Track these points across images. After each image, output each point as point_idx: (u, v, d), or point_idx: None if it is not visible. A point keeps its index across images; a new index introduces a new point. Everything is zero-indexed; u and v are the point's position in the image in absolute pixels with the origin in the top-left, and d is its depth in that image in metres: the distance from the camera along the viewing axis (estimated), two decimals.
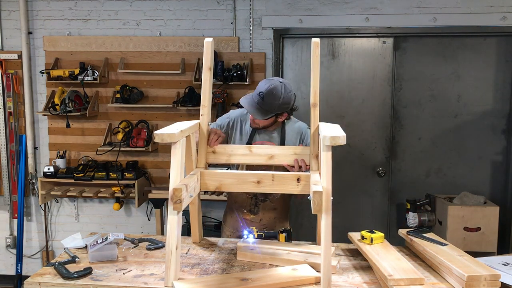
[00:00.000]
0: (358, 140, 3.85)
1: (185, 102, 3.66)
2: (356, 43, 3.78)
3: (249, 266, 1.87)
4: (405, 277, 1.59)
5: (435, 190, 3.76)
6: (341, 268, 1.86)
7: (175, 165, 1.66)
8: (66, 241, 2.09)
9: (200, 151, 2.07)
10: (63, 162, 3.85)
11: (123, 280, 1.71)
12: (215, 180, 1.93)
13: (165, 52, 3.80)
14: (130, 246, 2.09)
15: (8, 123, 3.94)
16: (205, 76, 2.04)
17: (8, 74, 3.89)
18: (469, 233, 3.34)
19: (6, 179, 3.99)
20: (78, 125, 3.91)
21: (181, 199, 1.56)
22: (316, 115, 1.97)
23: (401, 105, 3.80)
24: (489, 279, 1.60)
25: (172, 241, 1.59)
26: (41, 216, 4.11)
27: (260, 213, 2.38)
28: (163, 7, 3.80)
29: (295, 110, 2.29)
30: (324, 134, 1.57)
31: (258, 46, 3.76)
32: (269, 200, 2.37)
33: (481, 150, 3.78)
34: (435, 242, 1.95)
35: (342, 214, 3.89)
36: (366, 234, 1.96)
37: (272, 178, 1.89)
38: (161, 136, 1.58)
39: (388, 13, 3.63)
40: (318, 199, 1.51)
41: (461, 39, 3.69)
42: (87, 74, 3.71)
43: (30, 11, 3.88)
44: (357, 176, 3.89)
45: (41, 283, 1.70)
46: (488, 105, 3.74)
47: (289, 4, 3.69)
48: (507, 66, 3.68)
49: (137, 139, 3.68)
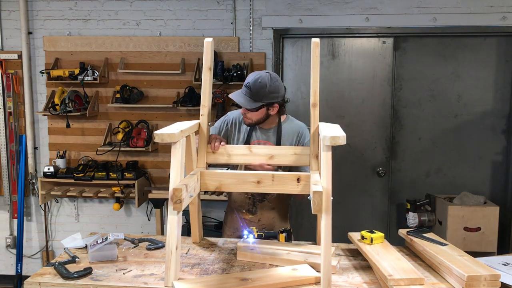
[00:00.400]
0: (358, 140, 3.85)
1: (185, 102, 3.66)
2: (356, 43, 3.78)
3: (249, 266, 1.87)
4: (405, 277, 1.59)
5: (435, 190, 3.76)
6: (341, 268, 1.86)
7: (175, 165, 1.66)
8: (66, 241, 2.09)
9: (200, 151, 2.07)
10: (63, 162, 3.85)
11: (123, 280, 1.71)
12: (215, 180, 1.93)
13: (165, 52, 3.80)
14: (130, 246, 2.09)
15: (8, 123, 3.94)
16: (205, 76, 2.04)
17: (8, 74, 3.89)
18: (469, 233, 3.33)
19: (6, 179, 3.99)
20: (78, 125, 3.91)
21: (181, 199, 1.56)
22: (316, 115, 1.97)
23: (401, 105, 3.80)
24: (489, 279, 1.59)
25: (172, 241, 1.59)
26: (41, 216, 4.11)
27: (258, 213, 2.37)
28: (163, 7, 3.80)
29: (286, 102, 2.30)
30: (324, 134, 1.57)
31: (258, 46, 3.76)
32: (266, 200, 2.36)
33: (481, 150, 3.78)
34: (435, 242, 1.95)
35: (342, 214, 3.90)
36: (366, 234, 1.95)
37: (272, 178, 1.89)
38: (161, 136, 1.58)
39: (388, 13, 3.63)
40: (318, 199, 1.51)
41: (461, 39, 3.69)
42: (87, 74, 3.71)
43: (30, 11, 3.88)
44: (357, 176, 3.89)
45: (41, 283, 1.70)
46: (488, 105, 3.74)
47: (289, 4, 3.69)
48: (507, 66, 3.68)
49: (137, 139, 3.68)
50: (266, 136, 2.33)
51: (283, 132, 2.32)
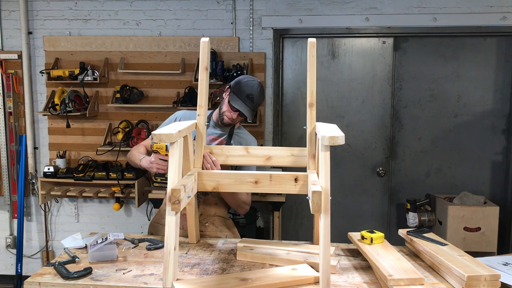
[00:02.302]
0: (358, 140, 3.85)
1: (185, 102, 3.66)
2: (356, 43, 3.78)
3: (249, 266, 1.87)
4: (405, 277, 1.59)
5: (435, 190, 3.75)
6: (341, 268, 1.85)
7: (173, 165, 1.66)
8: (66, 241, 2.09)
9: (197, 152, 2.06)
10: (63, 162, 3.85)
11: (123, 280, 1.71)
12: (212, 180, 1.92)
13: (165, 52, 3.80)
14: (130, 246, 2.09)
15: (8, 123, 3.95)
16: (202, 76, 2.04)
17: (8, 74, 3.89)
18: (469, 233, 3.33)
19: (6, 179, 3.99)
20: (78, 125, 3.91)
21: (179, 200, 1.56)
22: (313, 115, 1.98)
23: (401, 105, 3.80)
24: (489, 279, 1.59)
25: (170, 242, 1.59)
26: (41, 216, 4.11)
27: (201, 206, 2.33)
28: (163, 7, 3.80)
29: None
30: (323, 134, 1.57)
31: (258, 46, 3.76)
32: (210, 194, 2.34)
33: (481, 150, 3.77)
34: (435, 242, 1.94)
35: (342, 214, 3.90)
36: (366, 234, 1.95)
37: (269, 178, 1.89)
38: (159, 136, 1.58)
39: (388, 13, 3.63)
40: (317, 199, 1.50)
41: (461, 39, 3.69)
42: (87, 74, 3.71)
43: (30, 11, 3.88)
44: (357, 176, 3.89)
45: (41, 283, 1.70)
46: (488, 105, 3.73)
47: (289, 4, 3.69)
48: (507, 66, 3.68)
49: (137, 139, 3.68)
50: (221, 133, 2.37)
51: (233, 137, 2.36)
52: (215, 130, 2.37)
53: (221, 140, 2.34)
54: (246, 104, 2.23)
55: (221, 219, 2.40)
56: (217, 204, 2.38)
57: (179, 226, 1.67)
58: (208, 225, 2.34)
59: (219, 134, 2.36)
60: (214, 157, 2.09)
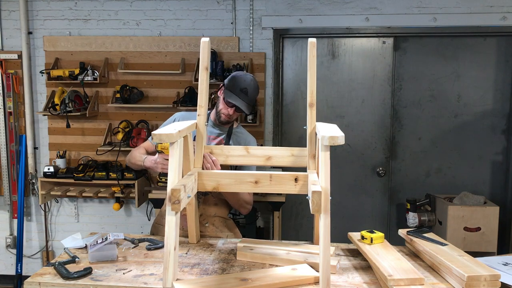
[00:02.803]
0: (358, 140, 3.85)
1: (185, 102, 3.66)
2: (356, 43, 3.78)
3: (249, 266, 1.87)
4: (405, 277, 1.59)
5: (435, 190, 3.75)
6: (341, 268, 1.85)
7: (173, 165, 1.66)
8: (66, 241, 2.09)
9: (197, 152, 2.06)
10: (63, 162, 3.85)
11: (123, 280, 1.71)
12: (212, 180, 1.92)
13: (165, 52, 3.80)
14: (130, 246, 2.09)
15: (8, 123, 3.95)
16: (202, 76, 2.04)
17: (8, 74, 3.89)
18: (469, 233, 3.33)
19: (6, 179, 3.99)
20: (78, 125, 3.91)
21: (179, 200, 1.56)
22: (313, 115, 1.98)
23: (401, 105, 3.80)
24: (489, 279, 1.59)
25: (170, 242, 1.59)
26: (41, 216, 4.11)
27: (201, 207, 2.33)
28: (163, 7, 3.80)
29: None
30: (323, 134, 1.57)
31: (258, 46, 3.76)
32: (210, 194, 2.34)
33: (481, 150, 3.77)
34: (435, 242, 1.94)
35: (342, 214, 3.90)
36: (366, 234, 1.95)
37: (270, 178, 1.89)
38: (159, 136, 1.58)
39: (388, 13, 3.63)
40: (317, 199, 1.50)
41: (461, 39, 3.69)
42: (87, 74, 3.71)
43: (30, 11, 3.88)
44: (357, 176, 3.89)
45: (41, 283, 1.70)
46: (488, 105, 3.73)
47: (289, 4, 3.69)
48: (507, 66, 3.68)
49: (137, 139, 3.68)
50: (219, 132, 2.37)
51: (231, 137, 2.36)
52: (214, 129, 2.37)
53: (220, 140, 2.34)
54: (240, 98, 2.23)
55: (222, 220, 2.39)
56: (217, 204, 2.38)
57: (179, 227, 1.67)
58: (208, 225, 2.33)
59: (218, 133, 2.36)
60: (214, 157, 2.09)
